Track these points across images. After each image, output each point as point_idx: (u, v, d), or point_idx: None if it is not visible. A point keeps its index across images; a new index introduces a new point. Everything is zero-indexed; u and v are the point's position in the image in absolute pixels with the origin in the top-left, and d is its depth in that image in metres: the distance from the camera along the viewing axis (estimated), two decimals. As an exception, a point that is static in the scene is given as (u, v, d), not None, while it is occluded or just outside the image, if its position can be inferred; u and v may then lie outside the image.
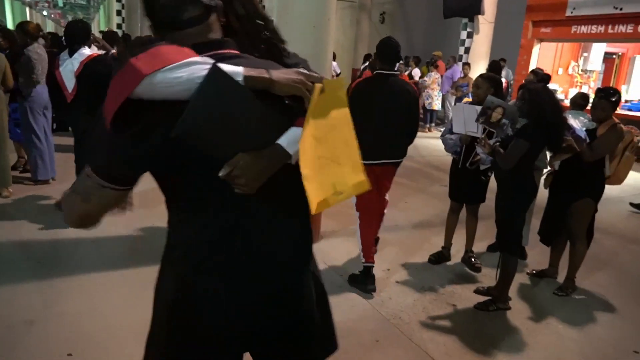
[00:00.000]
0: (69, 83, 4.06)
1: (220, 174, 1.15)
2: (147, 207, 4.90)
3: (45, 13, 40.07)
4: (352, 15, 16.59)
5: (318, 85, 1.21)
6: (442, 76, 11.01)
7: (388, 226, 4.82)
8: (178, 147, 1.12)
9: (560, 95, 9.79)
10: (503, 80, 8.89)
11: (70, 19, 49.06)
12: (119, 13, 19.20)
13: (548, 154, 3.66)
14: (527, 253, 4.22)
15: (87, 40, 4.24)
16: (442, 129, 10.50)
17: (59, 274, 3.47)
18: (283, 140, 1.21)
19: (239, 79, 1.13)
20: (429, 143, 9.30)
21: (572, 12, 9.44)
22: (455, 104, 10.50)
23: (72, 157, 5.46)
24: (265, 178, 1.20)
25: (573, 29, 9.62)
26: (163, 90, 1.10)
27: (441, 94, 10.76)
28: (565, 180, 3.55)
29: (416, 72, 11.34)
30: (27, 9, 35.08)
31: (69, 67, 4.07)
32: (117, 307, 3.09)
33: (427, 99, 10.65)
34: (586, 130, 3.38)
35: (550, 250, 3.91)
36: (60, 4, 37.05)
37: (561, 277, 3.80)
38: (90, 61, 4.08)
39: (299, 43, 2.93)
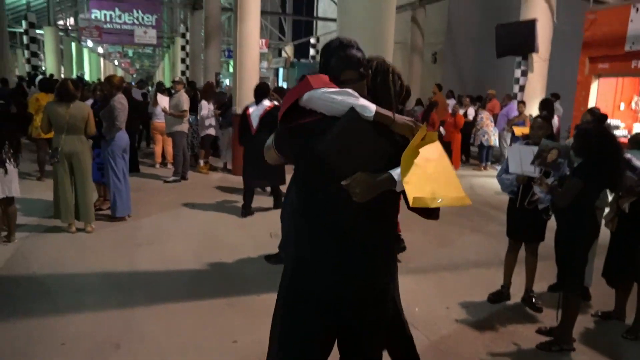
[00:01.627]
0: (255, 122, 5.93)
1: (343, 183, 1.67)
2: (215, 243, 5.23)
3: (116, 62, 43.43)
4: (403, 56, 16.95)
5: (422, 128, 1.74)
6: (495, 114, 10.99)
7: (446, 265, 4.88)
8: (313, 154, 1.70)
9: (622, 132, 9.51)
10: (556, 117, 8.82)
11: (137, 66, 52.77)
12: (183, 61, 20.56)
13: (609, 194, 3.64)
14: (590, 294, 4.13)
15: (268, 95, 6.11)
16: (499, 168, 10.49)
17: (137, 300, 3.79)
18: (394, 172, 1.70)
19: (372, 112, 1.69)
20: (485, 182, 9.22)
21: (631, 47, 9.24)
22: (511, 142, 10.46)
23: (144, 196, 5.82)
24: (374, 194, 1.69)
25: (633, 63, 9.38)
26: (319, 103, 1.72)
27: (497, 131, 10.72)
28: (636, 222, 3.49)
29: (471, 112, 11.37)
30: (102, 60, 38.16)
31: (256, 112, 5.97)
32: (189, 332, 3.33)
33: (484, 136, 10.63)
34: None
35: (616, 291, 3.81)
36: (130, 54, 40.16)
37: (629, 319, 3.69)
38: (271, 109, 5.89)
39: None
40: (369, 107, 1.70)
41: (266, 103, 5.98)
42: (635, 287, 3.70)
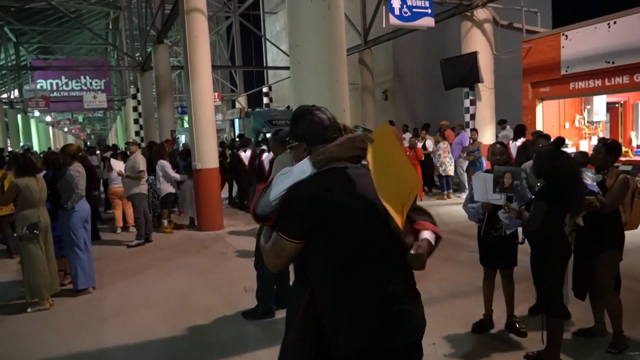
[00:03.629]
0: (267, 166, 7.27)
1: (413, 251, 1.71)
2: (187, 307, 4.99)
3: (66, 129, 42.51)
4: (356, 97, 17.38)
5: (367, 135, 1.73)
6: (451, 144, 11.35)
7: (424, 299, 4.81)
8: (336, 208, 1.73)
9: (571, 149, 9.97)
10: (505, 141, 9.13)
11: (89, 131, 51.84)
12: (136, 121, 20.31)
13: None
14: (569, 312, 4.15)
15: (249, 145, 8.28)
16: (460, 195, 10.70)
17: (110, 383, 3.52)
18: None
19: (309, 168, 1.76)
20: (450, 210, 9.38)
21: (566, 71, 9.86)
22: (466, 168, 10.77)
23: (107, 264, 5.58)
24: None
25: (571, 85, 9.99)
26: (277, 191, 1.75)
27: (453, 160, 11.03)
28: (590, 234, 3.59)
29: (429, 144, 11.66)
30: (50, 128, 37.29)
31: (267, 158, 7.54)
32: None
33: (441, 166, 10.91)
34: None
35: (591, 307, 3.86)
36: (80, 119, 39.51)
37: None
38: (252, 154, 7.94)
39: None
40: (306, 170, 1.76)
41: (248, 152, 7.74)
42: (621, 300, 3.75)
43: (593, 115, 10.99)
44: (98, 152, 15.19)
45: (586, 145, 10.57)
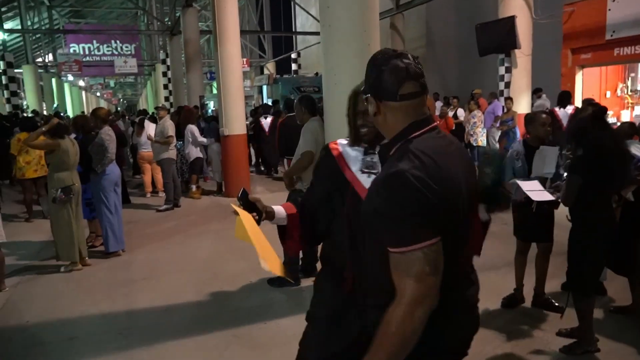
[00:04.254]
0: (267, 128, 9.87)
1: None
2: (214, 272, 5.04)
3: (98, 94, 43.18)
4: (386, 64, 16.90)
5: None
6: (483, 112, 10.97)
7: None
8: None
9: (611, 119, 9.51)
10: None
11: (120, 96, 52.57)
12: (165, 87, 20.41)
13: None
14: (605, 288, 4.01)
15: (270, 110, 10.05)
16: (492, 166, 10.41)
17: (137, 343, 3.60)
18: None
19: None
20: (481, 181, 9.14)
21: (612, 35, 9.30)
22: (499, 139, 10.43)
23: (136, 228, 5.64)
24: None
25: (616, 51, 9.44)
26: None
27: (485, 130, 10.68)
28: (637, 210, 3.40)
29: (461, 112, 11.29)
30: (83, 93, 37.94)
31: (266, 121, 10.24)
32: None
33: (472, 136, 10.60)
34: None
35: (630, 285, 3.70)
36: (112, 84, 40.05)
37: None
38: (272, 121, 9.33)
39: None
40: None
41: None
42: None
43: (637, 84, 10.43)
44: (126, 116, 15.37)
45: (628, 116, 10.07)
